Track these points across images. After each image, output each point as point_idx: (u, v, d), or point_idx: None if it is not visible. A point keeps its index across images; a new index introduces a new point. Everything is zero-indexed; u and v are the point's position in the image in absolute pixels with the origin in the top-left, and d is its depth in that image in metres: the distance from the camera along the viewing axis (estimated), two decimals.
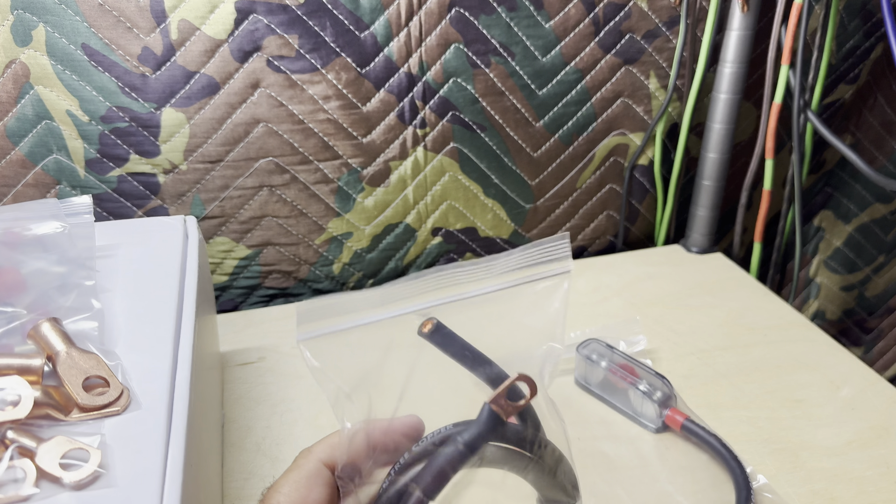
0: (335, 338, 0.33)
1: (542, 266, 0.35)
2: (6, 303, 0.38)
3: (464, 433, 0.31)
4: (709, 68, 0.69)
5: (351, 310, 0.33)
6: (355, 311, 0.33)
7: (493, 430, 0.31)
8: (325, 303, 0.32)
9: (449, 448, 0.30)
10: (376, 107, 0.63)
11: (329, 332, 0.32)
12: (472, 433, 0.30)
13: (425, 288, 0.34)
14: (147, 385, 0.35)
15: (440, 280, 0.34)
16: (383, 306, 0.33)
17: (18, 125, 0.58)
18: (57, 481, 0.30)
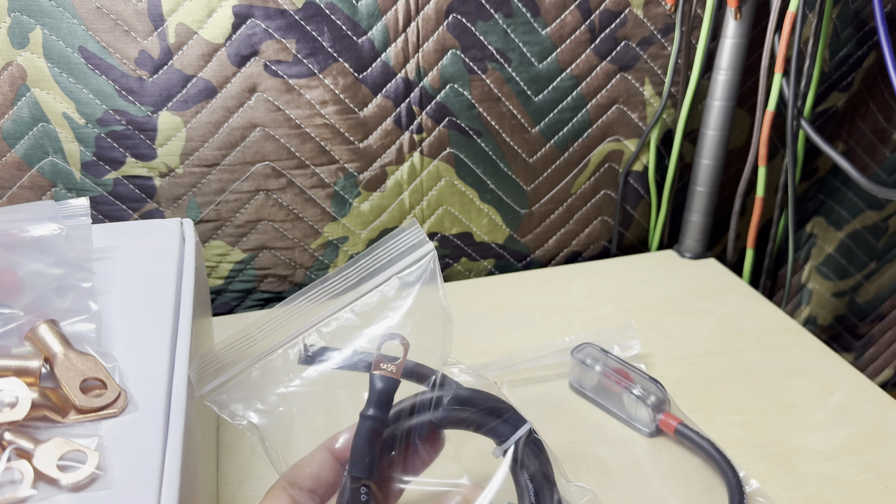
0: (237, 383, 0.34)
1: (407, 254, 0.37)
2: (3, 304, 0.38)
3: (365, 408, 0.33)
4: (703, 75, 0.70)
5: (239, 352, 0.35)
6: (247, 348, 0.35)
7: (387, 390, 0.33)
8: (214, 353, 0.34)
9: (361, 425, 0.33)
10: (373, 112, 0.64)
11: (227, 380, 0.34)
12: (371, 401, 0.33)
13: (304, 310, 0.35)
14: (144, 387, 0.35)
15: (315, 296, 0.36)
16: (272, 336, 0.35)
17: (14, 127, 0.58)
18: (54, 483, 0.30)
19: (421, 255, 0.37)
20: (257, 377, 0.34)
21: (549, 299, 0.69)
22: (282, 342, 0.35)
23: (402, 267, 0.36)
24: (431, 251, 0.37)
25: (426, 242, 0.37)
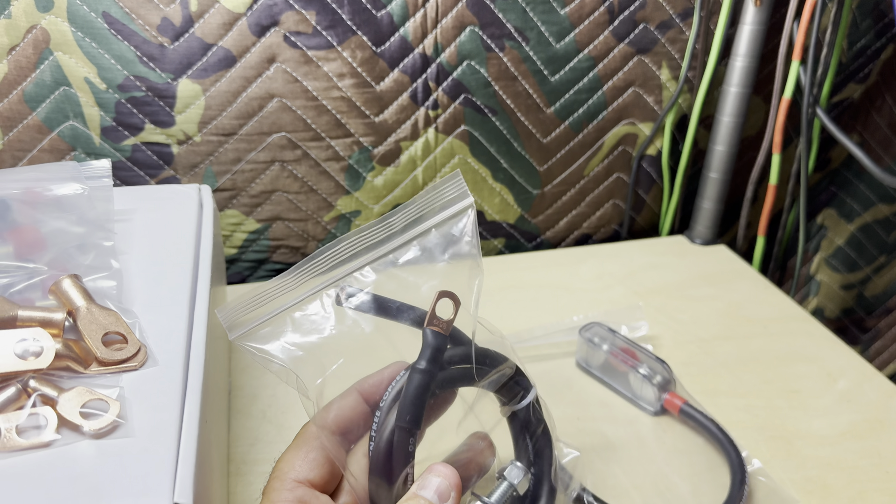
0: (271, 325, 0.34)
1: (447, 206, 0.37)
2: (27, 259, 0.39)
3: (418, 361, 0.33)
4: (720, 61, 0.70)
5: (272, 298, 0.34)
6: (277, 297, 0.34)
7: (439, 347, 0.34)
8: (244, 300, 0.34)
9: (413, 377, 0.33)
10: (389, 86, 0.64)
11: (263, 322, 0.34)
12: (425, 356, 0.33)
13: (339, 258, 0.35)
14: (164, 343, 0.36)
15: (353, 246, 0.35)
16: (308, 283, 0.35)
17: (37, 90, 0.58)
18: (77, 429, 0.31)
19: (461, 207, 0.36)
20: (294, 321, 0.34)
21: (558, 280, 0.70)
22: (319, 286, 0.35)
23: (442, 218, 0.36)
24: (471, 204, 0.37)
25: (467, 195, 0.37)
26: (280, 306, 0.34)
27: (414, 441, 0.33)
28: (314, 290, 0.35)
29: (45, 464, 0.30)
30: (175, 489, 0.29)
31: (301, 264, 0.35)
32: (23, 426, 0.30)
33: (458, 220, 0.37)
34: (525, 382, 0.38)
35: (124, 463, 0.30)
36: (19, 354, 0.32)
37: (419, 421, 0.33)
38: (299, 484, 0.33)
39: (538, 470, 0.38)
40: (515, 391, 0.38)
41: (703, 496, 0.46)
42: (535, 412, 0.38)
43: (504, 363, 0.37)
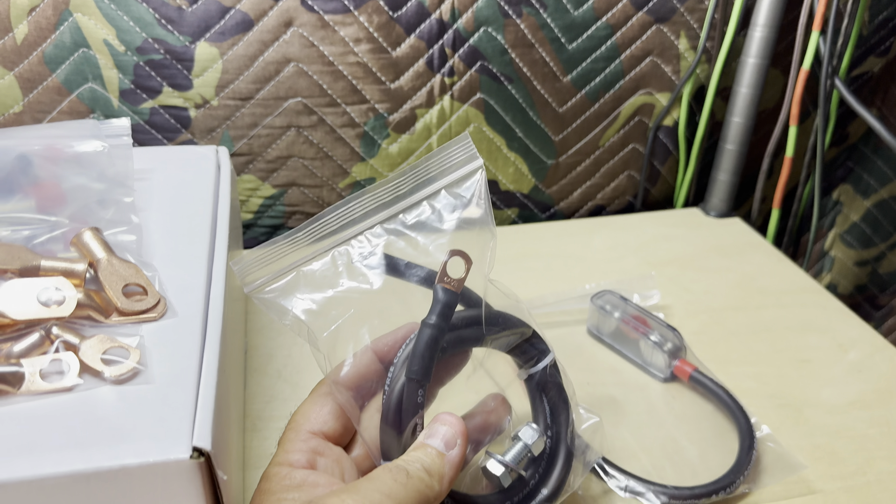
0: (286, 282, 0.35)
1: (457, 168, 0.37)
2: (48, 212, 0.39)
3: (428, 316, 0.34)
4: (739, 32, 0.69)
5: (286, 254, 0.35)
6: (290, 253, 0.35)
7: (450, 303, 0.34)
8: (258, 254, 0.35)
9: (423, 331, 0.34)
10: (406, 52, 0.64)
11: (276, 277, 0.35)
12: (435, 311, 0.34)
13: (349, 217, 0.36)
14: (183, 297, 0.37)
15: (363, 206, 0.36)
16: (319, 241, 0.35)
17: (56, 52, 0.59)
18: (98, 375, 0.32)
19: (470, 169, 0.37)
20: (306, 276, 0.35)
21: (570, 250, 0.70)
22: (331, 245, 0.35)
23: (452, 180, 0.36)
24: (481, 166, 0.37)
25: (476, 157, 0.37)
26: (293, 262, 0.35)
27: (423, 393, 0.33)
28: (326, 247, 0.35)
29: (68, 407, 0.30)
30: (194, 434, 0.29)
31: (311, 221, 0.35)
32: (46, 371, 0.31)
33: (467, 182, 0.37)
34: (542, 345, 0.39)
35: (144, 408, 0.31)
36: (42, 302, 0.33)
37: (428, 373, 0.33)
38: (313, 435, 0.34)
39: (555, 433, 0.38)
40: (532, 354, 0.39)
41: (710, 460, 0.47)
42: (551, 375, 0.39)
43: (519, 325, 0.38)
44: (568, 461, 0.38)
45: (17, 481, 0.28)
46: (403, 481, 0.30)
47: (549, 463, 0.38)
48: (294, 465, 0.32)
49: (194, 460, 0.29)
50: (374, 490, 0.29)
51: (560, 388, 0.38)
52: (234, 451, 0.37)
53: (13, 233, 0.38)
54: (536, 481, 0.37)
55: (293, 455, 0.32)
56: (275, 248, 0.35)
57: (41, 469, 0.28)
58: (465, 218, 0.36)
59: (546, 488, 0.36)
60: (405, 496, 0.29)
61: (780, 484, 0.45)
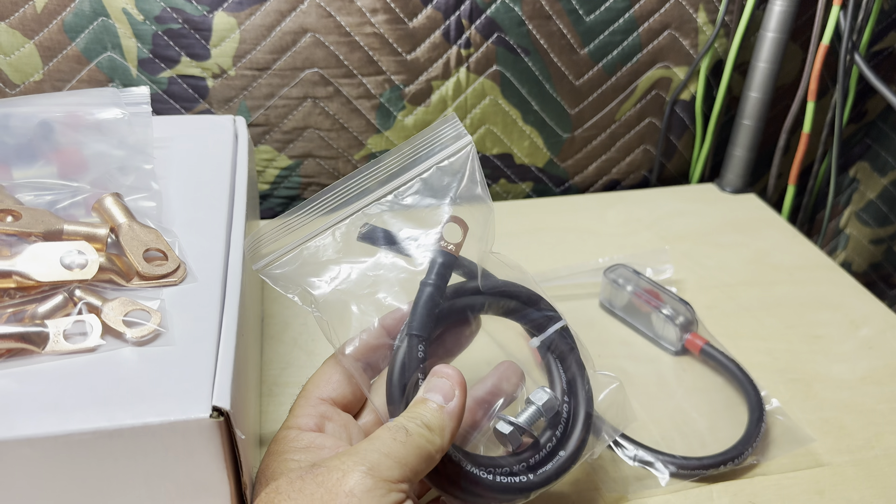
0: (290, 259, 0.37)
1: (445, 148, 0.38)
2: (70, 178, 0.40)
3: (426, 276, 0.36)
4: (758, 6, 0.68)
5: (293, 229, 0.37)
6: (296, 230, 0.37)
7: (447, 264, 0.36)
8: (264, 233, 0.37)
9: (421, 291, 0.35)
10: (422, 23, 0.64)
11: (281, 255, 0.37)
12: (432, 271, 0.36)
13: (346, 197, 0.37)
14: (202, 262, 0.37)
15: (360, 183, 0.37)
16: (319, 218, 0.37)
17: (76, 20, 0.59)
18: (120, 336, 0.32)
19: (460, 147, 0.38)
20: (308, 254, 0.36)
21: (585, 224, 0.70)
22: (331, 222, 0.37)
23: (442, 158, 0.38)
24: (470, 143, 0.38)
25: (465, 135, 0.38)
26: (296, 240, 0.37)
27: (424, 349, 0.34)
28: (326, 225, 0.37)
29: (91, 367, 0.31)
30: (213, 394, 0.30)
31: (310, 201, 0.37)
32: (69, 331, 0.32)
33: (457, 159, 0.38)
34: (550, 311, 0.39)
35: (165, 369, 0.31)
36: (66, 265, 0.34)
37: (426, 328, 0.35)
38: (322, 401, 0.35)
39: (573, 397, 0.39)
40: (539, 321, 0.39)
41: (720, 432, 0.47)
42: (563, 340, 0.39)
43: (522, 292, 0.38)
44: (587, 424, 0.38)
45: (42, 437, 0.29)
46: (403, 439, 0.30)
47: (568, 426, 0.38)
48: (303, 428, 0.33)
49: (214, 419, 0.29)
50: (374, 450, 0.30)
51: (573, 352, 0.39)
52: (251, 414, 0.38)
53: (36, 198, 0.39)
54: (554, 444, 0.37)
55: (302, 419, 0.33)
56: (280, 226, 0.37)
57: (65, 426, 0.29)
58: (461, 194, 0.37)
59: (564, 451, 0.37)
60: (405, 454, 0.30)
61: (787, 456, 0.46)
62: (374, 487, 0.28)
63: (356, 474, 0.28)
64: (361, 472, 0.28)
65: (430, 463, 0.31)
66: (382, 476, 0.29)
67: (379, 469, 0.29)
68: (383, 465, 0.29)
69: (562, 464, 0.36)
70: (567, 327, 0.39)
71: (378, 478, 0.29)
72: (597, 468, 0.45)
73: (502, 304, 0.38)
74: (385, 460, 0.29)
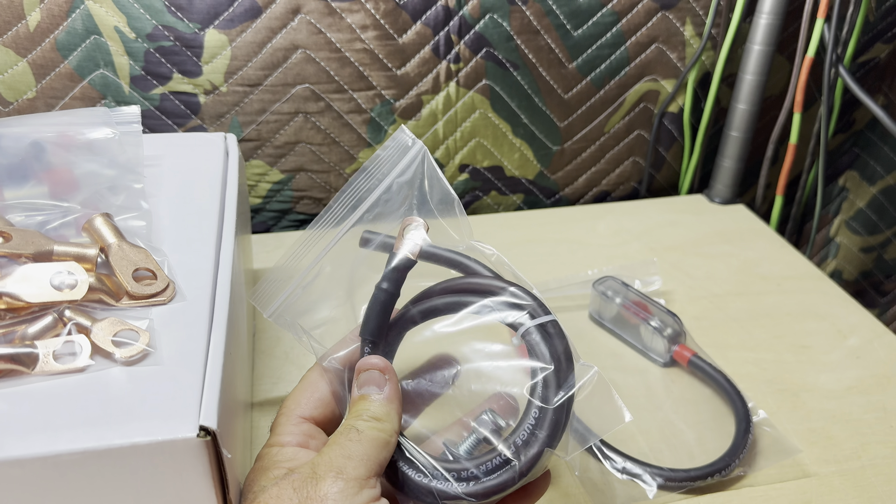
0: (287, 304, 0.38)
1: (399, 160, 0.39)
2: (61, 198, 0.40)
3: (381, 280, 0.36)
4: (745, 18, 0.69)
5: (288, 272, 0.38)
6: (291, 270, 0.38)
7: (398, 267, 0.36)
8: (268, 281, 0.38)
9: (374, 295, 0.36)
10: (412, 39, 0.65)
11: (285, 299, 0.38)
12: (387, 275, 0.36)
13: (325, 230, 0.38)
14: (191, 281, 0.38)
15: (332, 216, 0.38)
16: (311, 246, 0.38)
17: (68, 39, 0.60)
18: (109, 356, 0.33)
19: (413, 156, 0.39)
20: (301, 294, 0.38)
21: (575, 236, 0.71)
22: (319, 257, 0.38)
23: (400, 171, 0.38)
24: (422, 149, 0.39)
25: (416, 143, 0.39)
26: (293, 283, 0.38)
27: (370, 351, 0.35)
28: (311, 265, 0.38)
29: (80, 387, 0.32)
30: (200, 413, 0.31)
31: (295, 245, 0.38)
32: (59, 352, 0.32)
33: (413, 167, 0.39)
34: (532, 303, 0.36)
35: (153, 388, 0.32)
36: (55, 286, 0.34)
37: (378, 332, 0.36)
38: (304, 420, 0.35)
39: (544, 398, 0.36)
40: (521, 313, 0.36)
41: (707, 443, 0.48)
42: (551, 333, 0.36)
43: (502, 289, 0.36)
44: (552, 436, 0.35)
45: (31, 458, 0.29)
46: (357, 438, 0.32)
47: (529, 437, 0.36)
48: (285, 444, 0.33)
49: (201, 439, 0.30)
50: (336, 455, 0.31)
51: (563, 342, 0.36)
52: (240, 431, 0.39)
53: (27, 218, 0.39)
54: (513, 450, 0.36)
55: (284, 437, 0.34)
56: (277, 273, 0.38)
57: (54, 446, 0.29)
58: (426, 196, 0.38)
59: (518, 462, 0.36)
60: (364, 450, 0.31)
61: (774, 467, 0.46)
62: (346, 488, 0.30)
63: (327, 479, 0.30)
64: (332, 477, 0.30)
65: (389, 449, 0.33)
66: (350, 476, 0.30)
67: (346, 470, 0.30)
68: (349, 466, 0.31)
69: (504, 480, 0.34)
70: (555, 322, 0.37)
71: (347, 478, 0.30)
72: (584, 480, 0.45)
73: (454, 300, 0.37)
74: (348, 462, 0.31)
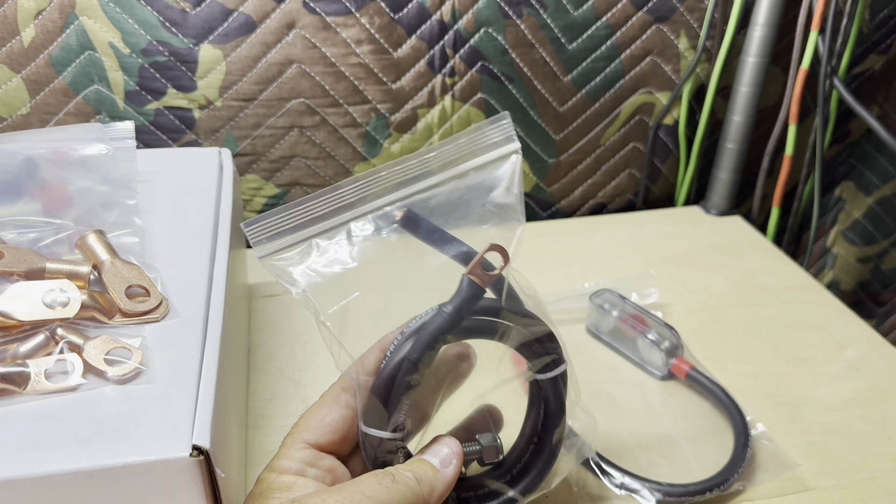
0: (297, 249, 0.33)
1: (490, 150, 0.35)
2: (54, 215, 0.40)
3: (447, 304, 0.33)
4: (739, 31, 0.69)
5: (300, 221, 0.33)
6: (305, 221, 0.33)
7: (473, 297, 0.33)
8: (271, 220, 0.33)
9: (435, 317, 0.33)
10: (407, 53, 0.65)
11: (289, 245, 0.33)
12: (456, 302, 0.33)
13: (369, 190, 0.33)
14: (184, 298, 0.37)
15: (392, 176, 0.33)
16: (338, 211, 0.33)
17: (63, 55, 0.60)
18: (101, 375, 0.32)
19: (505, 152, 0.35)
20: (319, 248, 0.33)
21: (571, 248, 0.70)
22: (347, 218, 0.33)
23: (483, 162, 0.34)
24: (517, 149, 0.35)
25: (513, 140, 0.35)
26: (307, 232, 0.33)
27: (417, 376, 0.33)
28: (341, 220, 0.33)
29: (72, 406, 0.31)
30: (193, 432, 0.30)
31: (328, 190, 0.33)
32: (51, 371, 0.32)
33: (500, 166, 0.35)
34: (557, 351, 0.36)
35: (146, 407, 0.31)
36: (47, 304, 0.34)
37: (426, 357, 0.33)
38: (307, 445, 0.34)
39: (540, 440, 0.38)
40: (544, 358, 0.36)
41: (706, 457, 0.48)
42: (556, 387, 0.37)
43: (535, 324, 0.36)
44: (543, 472, 0.37)
45: (23, 478, 0.28)
46: (388, 485, 0.30)
47: (524, 469, 0.37)
48: (283, 471, 0.33)
49: (194, 458, 0.29)
50: (357, 492, 0.30)
51: (560, 401, 0.37)
52: (234, 449, 0.38)
53: (20, 235, 0.39)
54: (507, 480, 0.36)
55: (284, 462, 0.33)
56: (289, 215, 0.33)
57: (46, 466, 0.29)
58: (495, 203, 0.34)
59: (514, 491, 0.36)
60: (388, 499, 0.30)
61: (774, 481, 0.46)
62: None
63: None
64: None
65: None
66: None
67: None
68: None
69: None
70: (566, 371, 0.37)
71: None
72: (583, 496, 0.45)
73: (515, 334, 0.35)
74: (367, 502, 0.29)
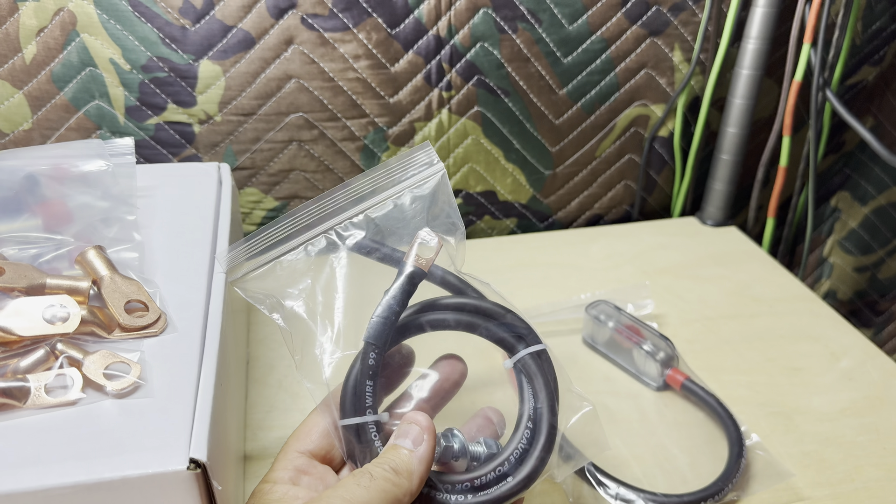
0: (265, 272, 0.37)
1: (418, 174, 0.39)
2: (55, 231, 0.41)
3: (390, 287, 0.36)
4: (733, 43, 0.70)
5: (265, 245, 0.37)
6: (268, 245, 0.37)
7: (412, 275, 0.36)
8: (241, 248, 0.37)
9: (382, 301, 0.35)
10: (404, 68, 0.65)
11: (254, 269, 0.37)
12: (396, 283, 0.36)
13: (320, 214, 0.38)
14: (183, 312, 0.38)
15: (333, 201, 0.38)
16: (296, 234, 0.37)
17: (64, 71, 0.60)
18: (100, 389, 0.33)
19: (432, 173, 0.39)
20: (282, 269, 0.37)
21: (568, 259, 0.71)
22: (304, 238, 0.37)
23: (415, 182, 0.38)
24: (442, 170, 0.39)
25: (437, 162, 0.39)
26: (272, 255, 0.37)
27: (376, 357, 0.35)
28: (298, 241, 0.37)
29: (71, 420, 0.32)
30: (191, 445, 0.31)
31: (284, 217, 0.37)
32: (51, 385, 0.33)
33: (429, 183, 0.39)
34: (523, 330, 0.39)
35: (144, 421, 0.32)
36: (48, 319, 0.34)
37: (381, 338, 0.35)
38: (300, 454, 0.35)
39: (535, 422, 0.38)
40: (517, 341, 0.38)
41: (701, 468, 0.48)
42: (539, 365, 0.38)
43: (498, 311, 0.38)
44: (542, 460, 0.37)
45: (23, 492, 0.29)
46: (367, 484, 0.31)
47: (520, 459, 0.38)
48: (278, 481, 0.33)
49: (191, 471, 0.30)
50: (336, 497, 0.30)
51: (546, 378, 0.38)
52: (232, 461, 0.39)
53: (20, 251, 0.39)
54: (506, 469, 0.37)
55: (278, 472, 0.34)
56: (257, 241, 0.37)
57: (46, 480, 0.29)
58: (434, 216, 0.38)
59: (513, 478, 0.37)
60: (368, 498, 0.30)
61: (768, 491, 0.46)
62: None
63: None
64: None
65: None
66: None
67: None
68: None
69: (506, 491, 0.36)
70: (541, 350, 0.39)
71: None
72: None
73: (464, 319, 0.38)
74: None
